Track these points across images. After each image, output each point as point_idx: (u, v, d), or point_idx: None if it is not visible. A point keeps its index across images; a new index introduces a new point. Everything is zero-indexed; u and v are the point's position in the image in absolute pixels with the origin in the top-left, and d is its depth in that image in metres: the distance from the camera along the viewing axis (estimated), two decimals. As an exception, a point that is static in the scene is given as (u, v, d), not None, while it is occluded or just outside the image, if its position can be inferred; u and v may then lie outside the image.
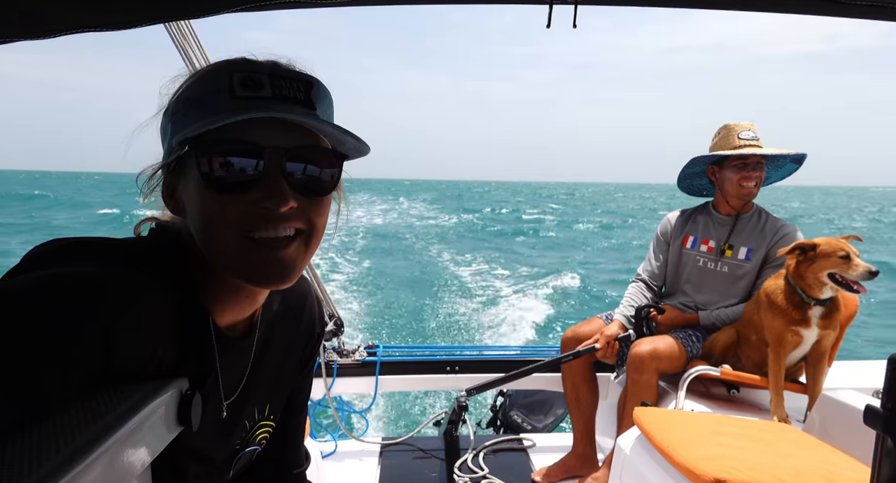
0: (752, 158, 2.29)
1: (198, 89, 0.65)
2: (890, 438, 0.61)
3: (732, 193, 2.36)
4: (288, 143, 0.64)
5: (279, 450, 0.96)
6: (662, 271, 2.57)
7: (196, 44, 1.53)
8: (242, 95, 0.63)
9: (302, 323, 0.91)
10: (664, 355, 2.19)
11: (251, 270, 0.64)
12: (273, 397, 0.88)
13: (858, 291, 1.92)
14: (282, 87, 0.64)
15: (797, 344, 2.04)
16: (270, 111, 0.61)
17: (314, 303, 0.94)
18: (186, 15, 1.03)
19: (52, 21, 0.88)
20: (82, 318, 0.53)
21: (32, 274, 0.55)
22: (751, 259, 2.34)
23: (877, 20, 0.92)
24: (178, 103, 0.66)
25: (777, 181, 2.47)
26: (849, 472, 1.34)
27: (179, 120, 0.65)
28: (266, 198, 0.62)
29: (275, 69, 0.65)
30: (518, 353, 2.98)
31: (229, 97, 0.63)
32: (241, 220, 0.62)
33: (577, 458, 2.46)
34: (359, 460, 2.60)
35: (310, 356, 0.95)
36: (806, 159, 2.34)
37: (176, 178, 0.67)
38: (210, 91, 0.64)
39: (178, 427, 0.63)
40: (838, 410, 1.69)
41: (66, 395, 0.51)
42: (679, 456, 1.42)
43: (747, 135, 2.32)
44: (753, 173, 2.30)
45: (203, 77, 0.65)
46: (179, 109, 0.65)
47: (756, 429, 1.67)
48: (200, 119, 0.62)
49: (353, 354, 2.74)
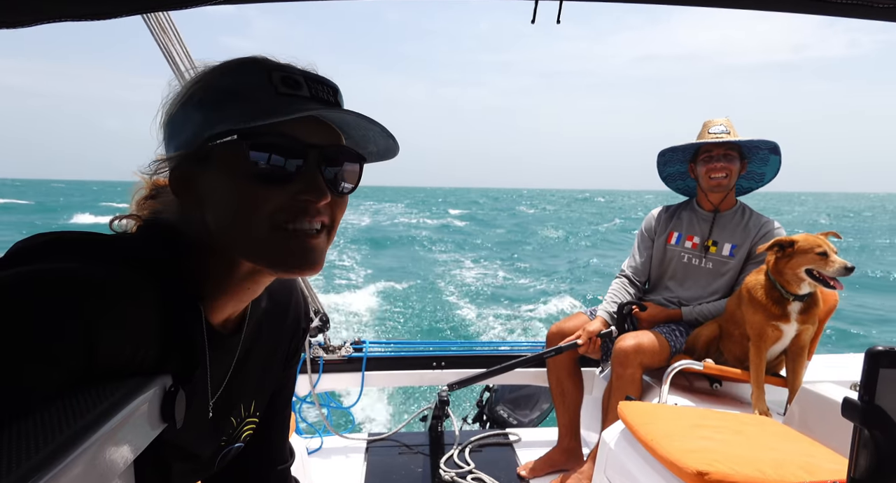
0: (717, 150, 2.33)
1: (233, 82, 0.65)
2: (867, 430, 0.62)
3: (705, 187, 2.41)
4: (323, 140, 0.67)
5: (263, 446, 0.95)
6: (646, 267, 2.59)
7: (176, 37, 1.50)
8: (286, 93, 0.65)
9: (288, 319, 0.91)
10: (648, 350, 2.22)
11: (284, 258, 0.66)
12: (258, 394, 0.88)
13: (835, 287, 1.95)
14: (317, 89, 0.67)
15: (777, 338, 2.08)
16: (304, 107, 0.64)
17: (300, 298, 0.94)
18: (166, 6, 1.02)
19: (29, 10, 0.86)
20: (64, 315, 0.52)
21: (15, 269, 0.54)
22: (735, 255, 2.37)
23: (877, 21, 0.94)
24: (209, 93, 0.65)
25: (772, 177, 2.47)
26: (827, 464, 1.37)
27: (213, 110, 0.65)
28: (305, 191, 0.65)
29: (307, 72, 0.68)
30: (503, 349, 2.99)
31: (274, 93, 0.64)
32: (280, 212, 0.65)
33: (562, 453, 2.48)
34: (345, 457, 2.59)
35: (294, 352, 0.95)
36: (780, 148, 2.34)
37: (198, 167, 0.66)
38: (250, 85, 0.64)
39: (161, 424, 0.62)
40: (817, 403, 1.72)
41: (46, 392, 0.50)
42: (662, 449, 1.44)
43: (717, 129, 2.36)
44: (719, 164, 2.33)
45: (234, 71, 0.66)
46: (212, 99, 0.65)
47: (738, 422, 1.69)
48: (244, 111, 0.63)
49: (339, 350, 2.73)
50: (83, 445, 0.46)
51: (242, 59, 0.68)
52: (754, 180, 2.50)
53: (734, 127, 2.38)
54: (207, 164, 0.66)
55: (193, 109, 0.66)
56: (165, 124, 0.69)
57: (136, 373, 0.60)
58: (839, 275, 1.93)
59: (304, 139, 0.65)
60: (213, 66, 0.68)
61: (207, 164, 0.65)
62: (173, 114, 0.68)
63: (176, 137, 0.68)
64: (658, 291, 2.54)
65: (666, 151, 2.48)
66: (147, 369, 0.62)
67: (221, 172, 0.65)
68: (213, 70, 0.67)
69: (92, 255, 0.61)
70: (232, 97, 0.65)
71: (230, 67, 0.67)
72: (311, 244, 0.67)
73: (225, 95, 0.65)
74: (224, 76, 0.66)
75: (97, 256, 0.61)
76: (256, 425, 0.90)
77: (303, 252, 0.67)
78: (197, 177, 0.67)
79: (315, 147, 0.66)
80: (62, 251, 0.61)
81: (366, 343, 2.80)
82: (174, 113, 0.68)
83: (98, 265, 0.58)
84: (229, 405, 0.81)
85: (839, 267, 1.92)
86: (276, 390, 0.94)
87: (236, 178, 0.64)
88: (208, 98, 0.65)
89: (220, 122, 0.64)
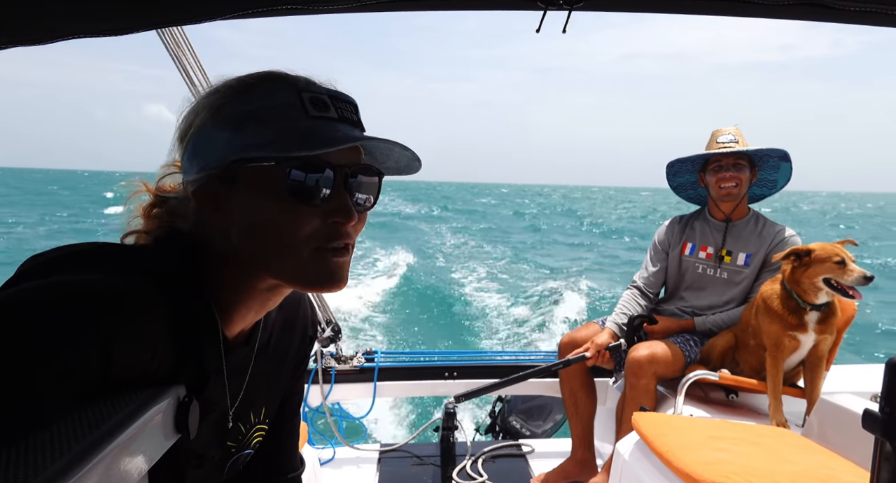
0: (727, 160, 2.32)
1: (264, 103, 0.65)
2: (888, 442, 0.61)
3: (715, 196, 2.40)
4: (348, 160, 0.68)
5: (273, 453, 0.96)
6: (659, 279, 2.57)
7: (189, 50, 1.53)
8: (315, 115, 0.66)
9: (297, 327, 0.92)
10: (662, 360, 2.19)
11: (318, 277, 0.68)
12: (268, 401, 0.89)
13: (854, 297, 1.92)
14: (342, 108, 0.69)
15: (794, 348, 2.05)
16: (340, 132, 0.66)
17: (307, 307, 0.95)
18: (179, 21, 1.03)
19: (47, 28, 0.88)
20: (81, 329, 0.52)
21: (36, 281, 0.55)
22: (750, 264, 2.34)
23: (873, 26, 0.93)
24: (238, 113, 0.65)
25: (785, 183, 2.44)
26: (848, 477, 1.34)
27: (245, 132, 0.65)
28: (336, 213, 0.67)
29: (330, 91, 0.69)
30: (515, 359, 2.97)
31: (304, 115, 0.65)
32: (314, 233, 0.66)
33: (575, 464, 2.45)
34: (357, 467, 2.58)
35: (302, 359, 0.96)
36: (790, 156, 2.32)
37: (227, 186, 0.66)
38: (280, 107, 0.65)
39: (175, 435, 0.63)
40: (837, 415, 1.69)
41: (62, 404, 0.51)
42: (678, 461, 1.42)
43: (725, 138, 2.35)
44: (728, 173, 2.32)
45: (261, 89, 0.66)
46: (243, 121, 0.65)
47: (755, 433, 1.67)
48: (277, 134, 0.64)
49: (350, 361, 2.73)
50: (98, 456, 0.46)
51: (266, 74, 0.68)
52: (766, 187, 2.48)
53: (743, 135, 2.37)
54: (236, 183, 0.66)
55: (222, 129, 0.66)
56: (188, 141, 0.69)
57: (151, 383, 0.61)
58: (858, 284, 1.90)
59: (335, 160, 0.66)
60: (234, 81, 0.68)
61: (236, 183, 0.66)
62: (197, 131, 0.68)
63: (202, 156, 0.67)
64: (672, 301, 2.52)
65: (675, 162, 2.47)
66: (162, 380, 0.62)
67: (254, 193, 0.65)
68: (237, 87, 0.67)
69: (111, 266, 0.61)
70: (264, 120, 0.65)
71: (255, 85, 0.67)
72: (340, 263, 0.69)
73: (256, 117, 0.65)
74: (250, 95, 0.66)
75: (117, 268, 0.61)
76: (266, 433, 0.91)
77: (334, 271, 0.68)
78: (226, 195, 0.67)
79: (341, 167, 0.67)
80: (82, 263, 0.61)
81: (377, 353, 2.80)
82: (199, 131, 0.67)
83: (117, 277, 0.59)
84: (241, 412, 0.82)
85: (858, 276, 1.89)
86: (285, 398, 0.95)
87: (272, 200, 0.65)
88: (238, 118, 0.65)
89: (255, 145, 0.64)
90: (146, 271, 0.63)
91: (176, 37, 1.49)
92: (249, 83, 0.67)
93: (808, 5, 0.88)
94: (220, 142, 0.66)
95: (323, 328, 2.68)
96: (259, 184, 0.65)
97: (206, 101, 0.68)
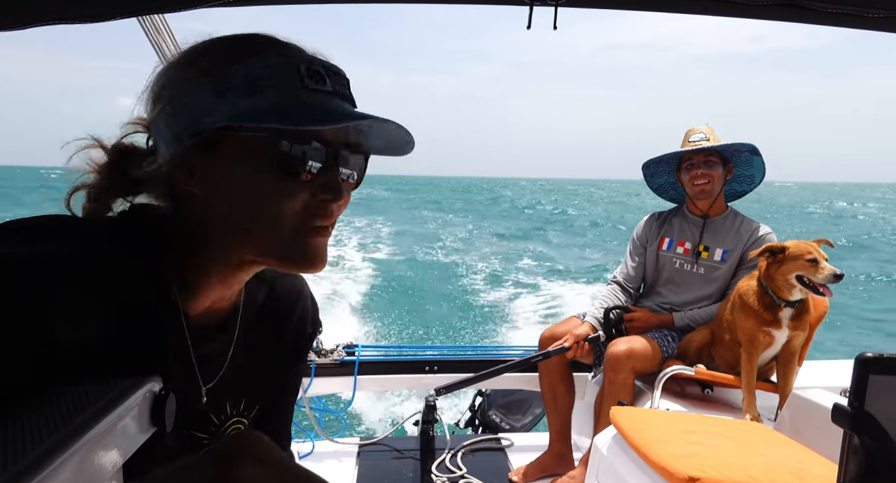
0: (697, 157, 2.36)
1: (259, 69, 0.60)
2: (857, 436, 0.63)
3: (691, 194, 2.44)
4: (338, 137, 0.65)
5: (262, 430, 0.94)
6: (638, 274, 2.60)
7: (171, 39, 1.50)
8: (313, 88, 0.62)
9: (291, 322, 0.88)
10: (640, 355, 2.22)
11: (299, 256, 0.66)
12: (249, 393, 0.84)
13: (824, 294, 1.97)
14: (336, 82, 0.65)
15: (769, 344, 2.09)
16: (336, 107, 0.63)
17: (308, 304, 0.91)
18: (160, 9, 1.01)
19: (21, 12, 0.85)
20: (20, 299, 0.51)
21: None
22: (726, 261, 2.38)
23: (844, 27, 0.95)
24: (233, 79, 0.60)
25: (761, 178, 2.47)
26: (817, 469, 1.37)
27: (238, 98, 0.60)
28: (325, 190, 0.64)
29: (324, 62, 0.65)
30: (495, 353, 2.99)
31: (300, 87, 0.61)
32: (300, 210, 0.64)
33: (553, 458, 2.47)
34: (336, 461, 2.58)
35: (298, 357, 0.92)
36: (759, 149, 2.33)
37: (207, 155, 0.62)
38: (277, 76, 0.61)
39: (151, 428, 0.62)
40: (808, 409, 1.73)
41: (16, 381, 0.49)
42: (654, 455, 1.44)
43: (697, 137, 2.39)
44: (699, 171, 2.35)
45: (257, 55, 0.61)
46: (236, 86, 0.60)
47: (729, 427, 1.70)
48: (273, 104, 0.60)
49: (331, 354, 2.72)
50: (72, 449, 0.45)
51: (254, 36, 0.64)
52: (745, 183, 2.52)
53: (715, 133, 2.40)
54: (218, 152, 0.61)
55: (208, 92, 0.60)
56: (164, 101, 0.63)
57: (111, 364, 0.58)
58: (828, 282, 1.95)
59: (325, 136, 0.63)
60: (219, 40, 0.64)
61: (218, 151, 0.61)
62: (176, 91, 0.62)
63: (180, 118, 0.62)
64: (650, 297, 2.55)
65: (650, 163, 2.52)
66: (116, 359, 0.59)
67: (241, 164, 0.61)
68: (225, 48, 0.63)
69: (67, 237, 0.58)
70: (258, 86, 0.60)
71: (244, 47, 0.62)
72: (322, 243, 0.67)
73: (249, 82, 0.60)
74: (241, 57, 0.61)
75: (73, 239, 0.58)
76: (247, 424, 0.86)
77: (316, 251, 0.66)
78: (203, 164, 0.62)
79: (332, 144, 0.64)
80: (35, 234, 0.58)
81: (358, 347, 2.79)
82: (178, 91, 0.62)
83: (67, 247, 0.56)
84: (214, 402, 0.78)
85: (828, 274, 1.94)
86: (286, 378, 0.91)
87: (262, 173, 0.61)
88: (231, 84, 0.60)
89: (249, 113, 0.59)
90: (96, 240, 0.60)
91: (157, 25, 1.46)
92: (238, 44, 0.63)
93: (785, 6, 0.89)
94: (204, 105, 0.61)
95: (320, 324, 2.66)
96: (248, 154, 0.61)
97: (187, 58, 0.63)
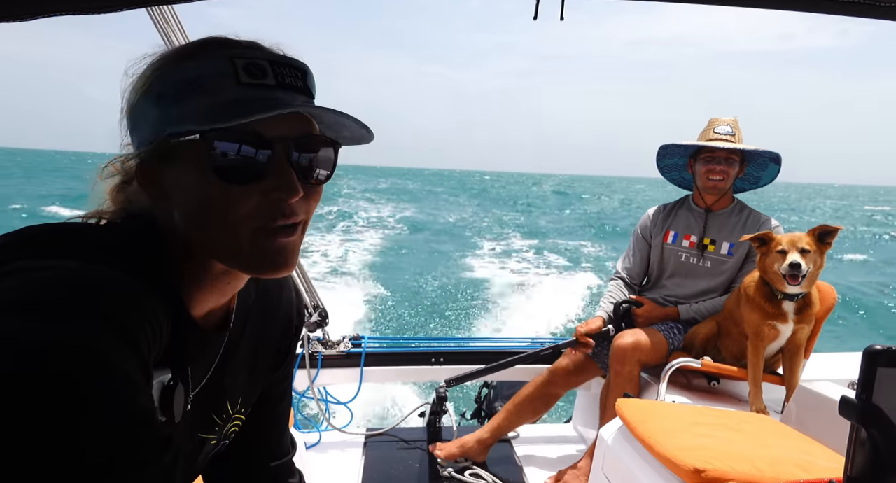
0: (720, 153, 2.31)
1: (192, 72, 0.61)
2: (864, 429, 0.63)
3: (701, 187, 2.41)
4: (292, 132, 0.62)
5: (262, 440, 0.94)
6: (641, 268, 2.59)
7: (180, 30, 1.50)
8: (248, 83, 0.60)
9: (278, 316, 0.88)
10: (646, 347, 2.22)
11: (259, 261, 0.63)
12: (246, 391, 0.84)
13: (790, 283, 1.95)
14: (283, 74, 0.63)
15: (774, 337, 2.08)
16: (276, 100, 0.61)
17: (291, 295, 0.91)
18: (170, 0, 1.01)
19: (29, 3, 0.85)
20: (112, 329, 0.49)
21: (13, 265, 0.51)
22: (733, 254, 2.37)
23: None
24: (168, 85, 0.61)
25: (767, 182, 2.47)
26: (824, 462, 1.37)
27: (173, 104, 0.61)
28: (277, 189, 0.61)
29: (273, 55, 0.64)
30: (502, 346, 2.99)
31: (235, 84, 0.60)
32: (253, 212, 0.61)
33: (477, 442, 2.42)
34: (342, 452, 2.60)
35: (287, 349, 0.92)
36: (782, 159, 2.33)
37: (162, 164, 0.63)
38: (210, 76, 0.60)
39: (160, 418, 0.62)
40: (815, 401, 1.72)
41: None
42: (660, 446, 1.45)
43: (723, 129, 2.33)
44: (718, 167, 2.32)
45: (193, 57, 0.62)
46: (172, 93, 0.60)
47: (735, 420, 1.70)
48: (206, 107, 0.60)
49: (337, 345, 2.73)
50: None
51: (202, 41, 0.63)
52: (748, 181, 2.49)
53: (740, 128, 2.36)
54: (172, 160, 0.62)
55: (153, 103, 0.62)
56: (127, 115, 0.65)
57: None
58: (785, 272, 1.94)
59: (271, 132, 0.61)
60: (171, 50, 0.64)
61: (172, 160, 0.62)
62: (133, 106, 0.64)
63: (137, 131, 0.64)
64: (656, 290, 2.54)
65: (669, 146, 2.46)
66: None
67: (186, 170, 0.61)
68: (172, 56, 0.63)
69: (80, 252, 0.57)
70: (191, 90, 0.60)
71: (189, 53, 0.62)
72: (284, 243, 0.64)
73: (184, 87, 0.60)
74: (182, 64, 0.61)
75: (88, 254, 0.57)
76: (245, 421, 0.87)
77: (276, 253, 0.63)
78: (162, 173, 0.63)
79: (282, 139, 0.61)
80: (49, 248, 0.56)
81: (364, 339, 2.80)
82: (133, 105, 0.63)
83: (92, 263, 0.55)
84: (213, 403, 0.77)
85: (786, 264, 1.93)
86: (272, 385, 0.91)
87: (204, 177, 0.60)
88: (167, 91, 0.61)
89: (181, 118, 0.60)
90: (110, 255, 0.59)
91: (166, 15, 1.46)
92: (184, 51, 0.63)
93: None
94: (152, 115, 0.62)
95: (310, 313, 2.67)
96: (190, 160, 0.60)
97: (142, 72, 0.64)
